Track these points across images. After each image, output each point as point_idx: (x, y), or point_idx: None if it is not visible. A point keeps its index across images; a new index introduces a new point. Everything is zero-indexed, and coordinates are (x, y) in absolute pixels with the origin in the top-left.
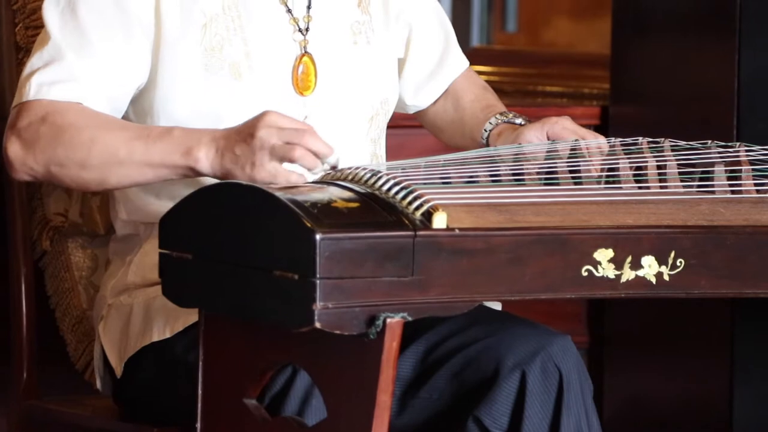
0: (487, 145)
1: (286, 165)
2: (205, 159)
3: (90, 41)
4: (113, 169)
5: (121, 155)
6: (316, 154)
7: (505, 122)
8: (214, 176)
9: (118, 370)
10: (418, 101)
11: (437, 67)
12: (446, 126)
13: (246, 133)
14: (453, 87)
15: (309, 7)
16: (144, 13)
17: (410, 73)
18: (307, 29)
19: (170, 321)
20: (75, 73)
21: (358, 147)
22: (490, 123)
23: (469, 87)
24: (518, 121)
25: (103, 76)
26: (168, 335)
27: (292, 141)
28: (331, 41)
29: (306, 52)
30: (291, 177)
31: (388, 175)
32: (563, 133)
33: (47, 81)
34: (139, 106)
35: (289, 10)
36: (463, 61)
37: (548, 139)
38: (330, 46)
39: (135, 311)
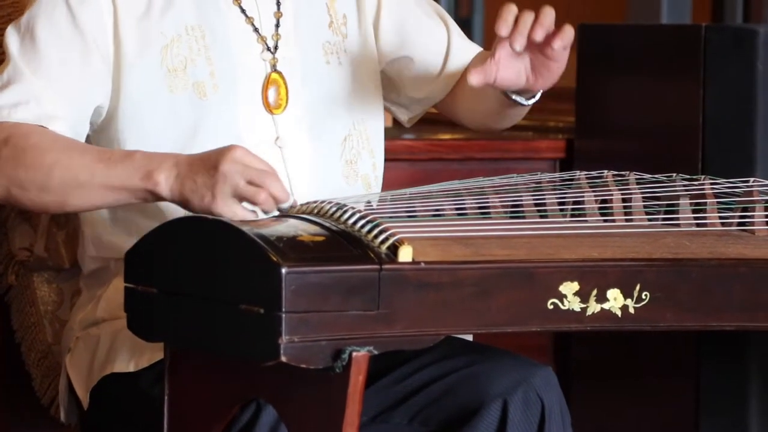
0: None
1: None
2: (164, 183)
3: (48, 62)
4: (74, 191)
5: (81, 178)
6: (275, 199)
7: None
8: (173, 201)
9: (85, 402)
10: (431, 95)
11: (445, 59)
12: (461, 112)
13: (210, 164)
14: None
15: (277, 26)
16: (101, 37)
17: (419, 69)
18: (276, 47)
19: (135, 355)
20: (35, 93)
21: (331, 167)
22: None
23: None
24: None
25: (61, 97)
26: (132, 369)
27: (255, 182)
28: (302, 60)
29: (275, 70)
30: (247, 216)
31: (353, 208)
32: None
33: (8, 103)
34: (106, 135)
35: (256, 29)
36: (469, 50)
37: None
38: (301, 65)
39: (102, 341)
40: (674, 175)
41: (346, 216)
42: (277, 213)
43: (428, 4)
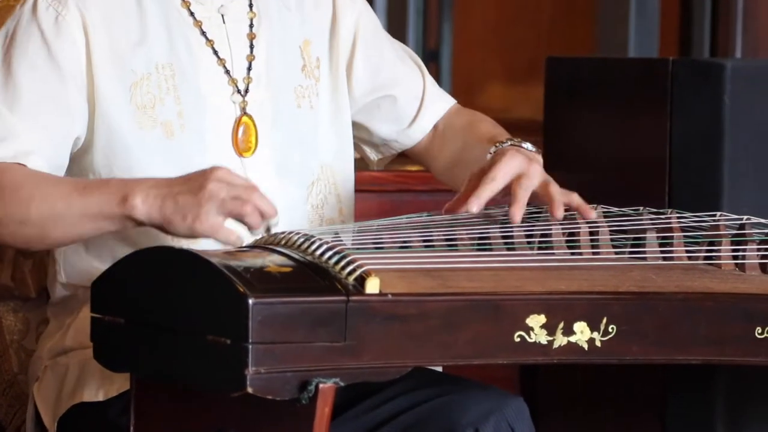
0: None
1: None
2: (141, 206)
3: (25, 97)
4: (53, 223)
5: (59, 209)
6: (262, 213)
7: (511, 145)
8: (151, 224)
9: (52, 431)
10: (403, 140)
11: (420, 107)
12: (451, 164)
13: (194, 185)
14: (452, 127)
15: (249, 69)
16: (77, 69)
17: (391, 114)
18: (246, 90)
19: (105, 384)
20: (12, 130)
21: (297, 212)
22: (496, 146)
23: (471, 123)
24: (525, 145)
25: (39, 131)
26: (101, 398)
27: (241, 196)
28: (273, 103)
29: (245, 113)
30: (231, 236)
31: (321, 240)
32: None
33: None
34: (81, 165)
35: (227, 71)
36: (445, 101)
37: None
38: (271, 108)
39: (70, 370)
40: (641, 208)
41: (313, 247)
42: (262, 232)
43: (403, 50)
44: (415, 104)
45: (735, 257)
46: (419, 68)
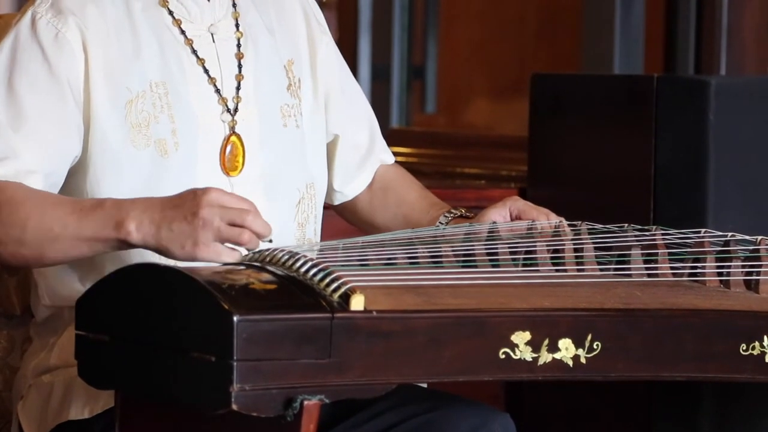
0: None
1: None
2: (136, 232)
3: (26, 114)
4: (49, 245)
5: (55, 231)
6: (258, 235)
7: (459, 216)
8: (147, 248)
9: None
10: (345, 191)
11: (364, 159)
12: (387, 221)
13: (186, 210)
14: (393, 183)
15: (238, 88)
16: (75, 85)
17: (337, 162)
18: (236, 110)
19: (90, 401)
20: (14, 149)
21: (285, 230)
22: (445, 216)
23: (410, 184)
24: (471, 215)
25: (40, 149)
26: (87, 415)
27: (236, 222)
28: (261, 122)
29: (234, 132)
30: (233, 255)
31: (305, 257)
32: (526, 209)
33: None
34: (74, 185)
35: (218, 90)
36: (390, 155)
37: (511, 216)
38: (259, 128)
39: (55, 389)
40: (626, 225)
41: (298, 264)
42: (261, 247)
43: (364, 101)
44: (356, 158)
45: (720, 274)
46: (371, 120)
